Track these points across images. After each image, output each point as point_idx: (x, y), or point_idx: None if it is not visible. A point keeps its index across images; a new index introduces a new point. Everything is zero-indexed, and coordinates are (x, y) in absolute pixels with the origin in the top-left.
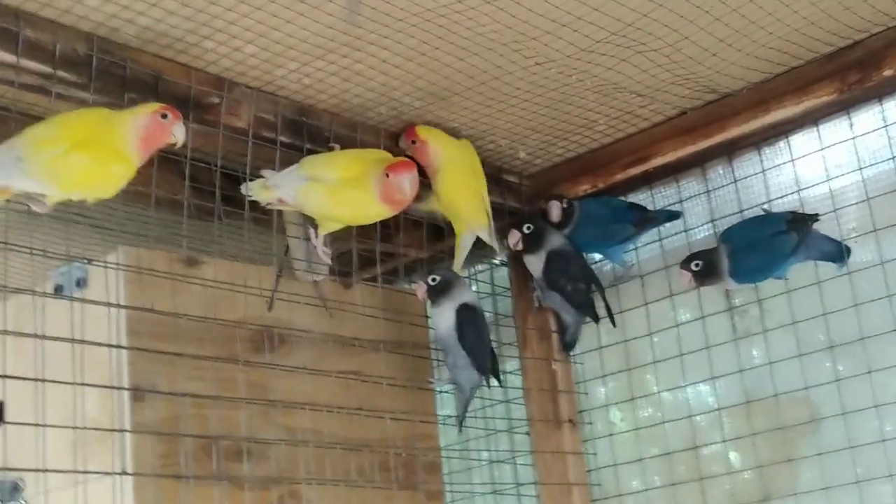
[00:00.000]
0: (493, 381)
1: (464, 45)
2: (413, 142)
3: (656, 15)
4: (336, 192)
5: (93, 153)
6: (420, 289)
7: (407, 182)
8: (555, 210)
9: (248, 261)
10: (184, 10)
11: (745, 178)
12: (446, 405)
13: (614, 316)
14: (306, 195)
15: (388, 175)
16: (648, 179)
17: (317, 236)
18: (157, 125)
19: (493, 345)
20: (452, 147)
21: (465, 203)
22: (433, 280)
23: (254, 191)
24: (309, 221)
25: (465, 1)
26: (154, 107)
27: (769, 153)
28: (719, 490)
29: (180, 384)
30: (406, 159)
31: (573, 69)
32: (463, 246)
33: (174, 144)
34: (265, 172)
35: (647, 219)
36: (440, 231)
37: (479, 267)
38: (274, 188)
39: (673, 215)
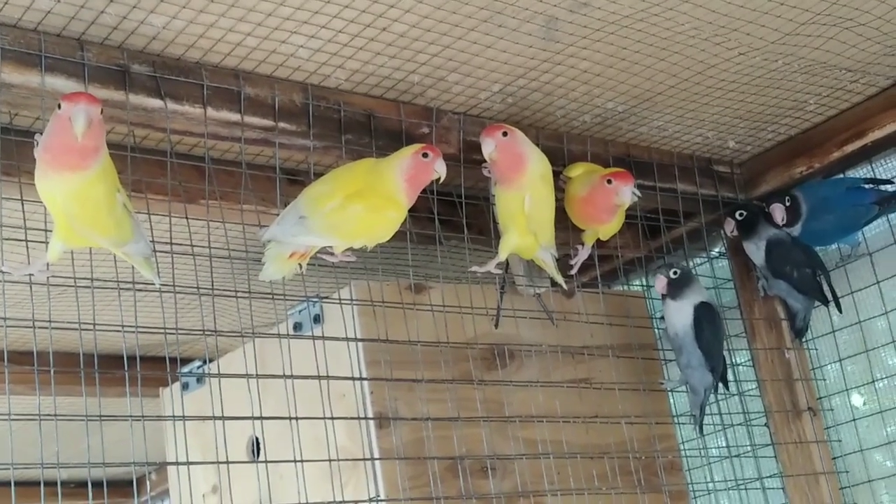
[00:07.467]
0: (722, 388)
1: (664, 45)
2: (504, 133)
3: None
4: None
5: (366, 202)
6: (660, 282)
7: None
8: (777, 213)
9: (471, 281)
10: (389, 49)
11: None
12: (679, 404)
13: (840, 298)
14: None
15: (609, 182)
16: (867, 154)
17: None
18: (420, 165)
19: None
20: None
21: (551, 217)
22: (674, 273)
23: None
24: None
25: (663, 3)
26: (414, 148)
27: None
28: None
29: (420, 408)
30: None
31: (778, 54)
32: (549, 262)
33: (438, 180)
34: None
35: (894, 194)
36: (656, 229)
37: (697, 260)
38: None
39: None
